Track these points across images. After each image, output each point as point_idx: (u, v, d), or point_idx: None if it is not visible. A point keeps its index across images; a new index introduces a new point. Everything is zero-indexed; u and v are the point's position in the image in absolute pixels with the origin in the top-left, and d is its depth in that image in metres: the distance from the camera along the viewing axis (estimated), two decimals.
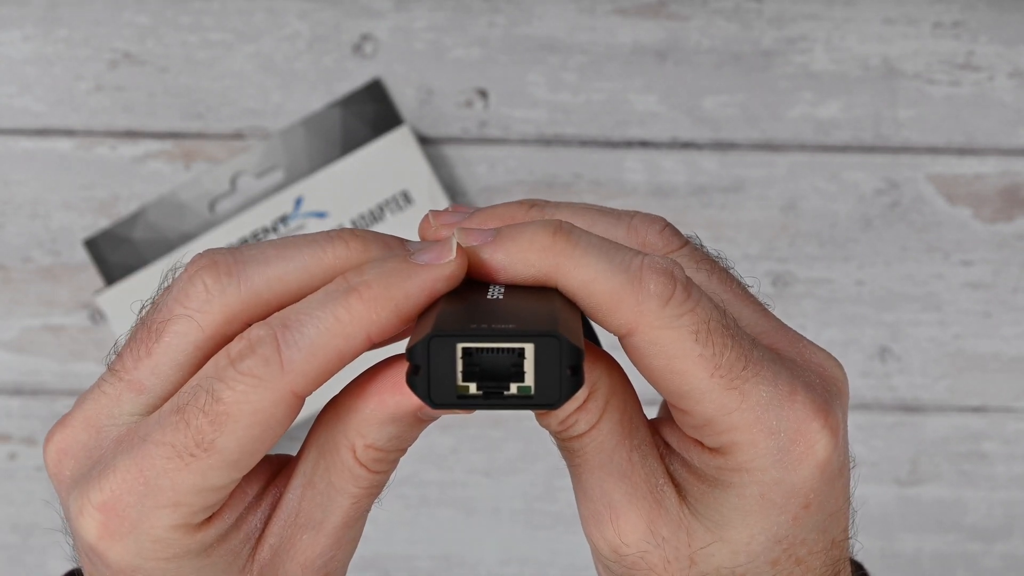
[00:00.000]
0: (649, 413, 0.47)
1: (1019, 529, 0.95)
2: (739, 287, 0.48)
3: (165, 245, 0.91)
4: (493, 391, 0.41)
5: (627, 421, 0.45)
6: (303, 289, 0.43)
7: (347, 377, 0.44)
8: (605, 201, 0.91)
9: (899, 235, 0.92)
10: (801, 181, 0.92)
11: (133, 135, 0.92)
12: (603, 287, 0.42)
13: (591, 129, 0.92)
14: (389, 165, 0.90)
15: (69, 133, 0.92)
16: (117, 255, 0.91)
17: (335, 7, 0.91)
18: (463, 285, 0.43)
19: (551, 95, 0.92)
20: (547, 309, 0.42)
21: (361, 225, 0.91)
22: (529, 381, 0.41)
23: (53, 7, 0.91)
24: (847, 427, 0.46)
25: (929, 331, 0.93)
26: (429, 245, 0.43)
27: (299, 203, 0.91)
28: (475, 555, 0.95)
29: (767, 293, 0.92)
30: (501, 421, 0.94)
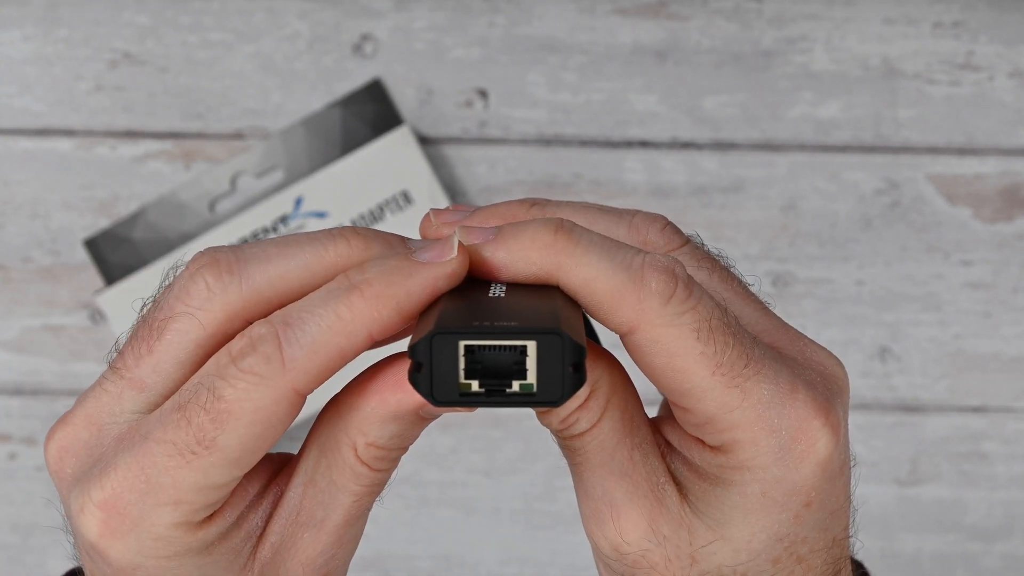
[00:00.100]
0: (650, 412, 0.47)
1: (1019, 529, 0.95)
2: (740, 285, 0.48)
3: (165, 245, 0.91)
4: (495, 389, 0.41)
5: (628, 419, 0.45)
6: (305, 287, 0.43)
7: (348, 376, 0.44)
8: (605, 201, 0.91)
9: (899, 235, 0.92)
10: (801, 181, 0.92)
11: (133, 135, 0.92)
12: (605, 285, 0.42)
13: (591, 129, 0.92)
14: (389, 165, 0.90)
15: (69, 133, 0.92)
16: (117, 255, 0.91)
17: (335, 7, 0.91)
18: (465, 283, 0.43)
19: (551, 95, 0.92)
20: (549, 307, 0.42)
21: (361, 225, 0.91)
22: (531, 379, 0.41)
23: (53, 7, 0.91)
24: (848, 425, 0.46)
25: (929, 331, 0.93)
26: (431, 243, 0.43)
27: (299, 203, 0.91)
28: (475, 555, 0.95)
29: (767, 293, 0.92)
30: (501, 421, 0.94)
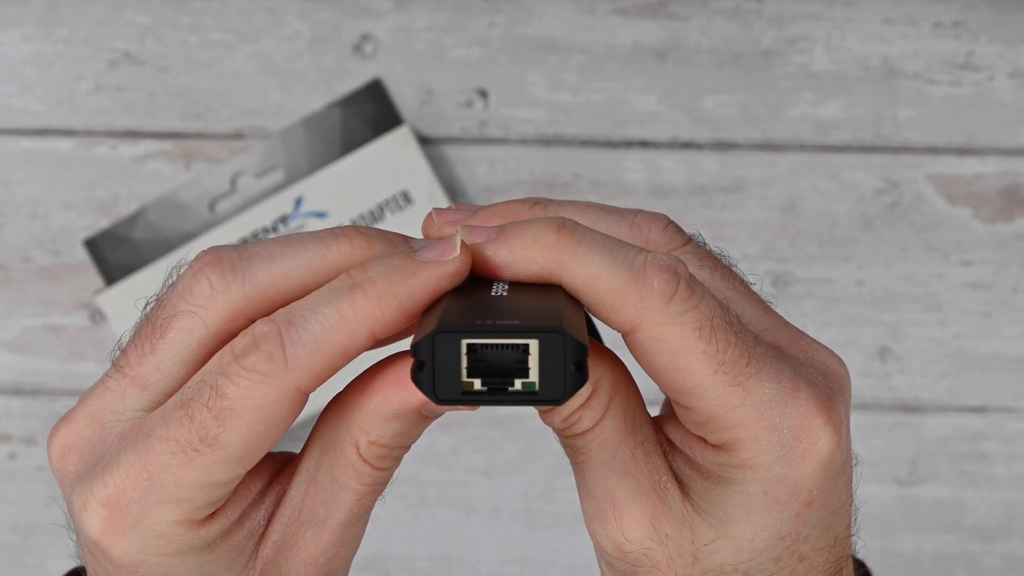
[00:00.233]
0: (652, 411, 0.47)
1: (1019, 529, 0.95)
2: (742, 284, 0.48)
3: (165, 245, 0.91)
4: (498, 387, 0.41)
5: (630, 418, 0.45)
6: (307, 286, 0.43)
7: (350, 375, 0.44)
8: (606, 201, 0.91)
9: (899, 235, 0.92)
10: (801, 181, 0.92)
11: (133, 135, 0.92)
12: (607, 284, 0.42)
13: (591, 129, 0.92)
14: (389, 165, 0.90)
15: (69, 133, 0.92)
16: (117, 255, 0.91)
17: (335, 7, 0.91)
18: (467, 282, 0.43)
19: (551, 95, 0.92)
20: (551, 306, 0.42)
21: (361, 225, 0.91)
22: (534, 377, 0.41)
23: (53, 7, 0.91)
24: (849, 424, 0.46)
25: (929, 331, 0.93)
26: (433, 242, 0.44)
27: (299, 203, 0.91)
28: (475, 555, 0.95)
29: (767, 293, 0.92)
30: (501, 421, 0.94)
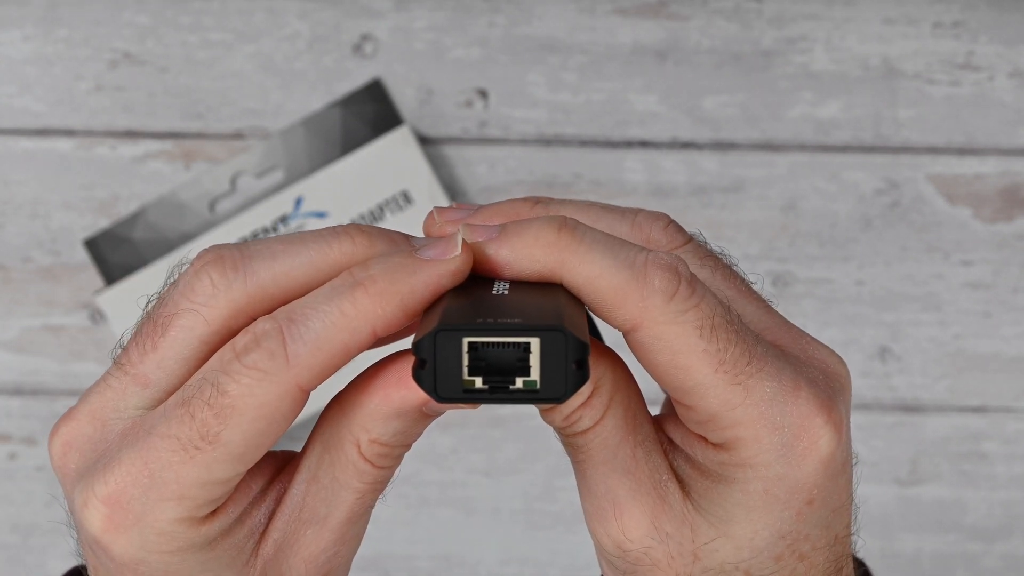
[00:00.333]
0: (653, 410, 0.47)
1: (1019, 529, 0.95)
2: (743, 283, 0.48)
3: (165, 245, 0.91)
4: (499, 385, 0.41)
5: (631, 417, 0.45)
6: (309, 284, 0.43)
7: (351, 374, 0.44)
8: (606, 201, 0.91)
9: (899, 235, 0.92)
10: (801, 181, 0.92)
11: (133, 135, 0.92)
12: (608, 283, 0.42)
13: (591, 129, 0.92)
14: (389, 165, 0.90)
15: (69, 133, 0.92)
16: (117, 255, 0.91)
17: (335, 7, 0.91)
18: (468, 281, 0.43)
19: (551, 95, 0.92)
20: (552, 304, 0.42)
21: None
22: (535, 375, 0.41)
23: (53, 7, 0.91)
24: (850, 423, 0.46)
25: (929, 331, 0.93)
26: (434, 241, 0.44)
27: (299, 203, 0.91)
28: (475, 555, 0.95)
29: (767, 293, 0.92)
30: (501, 421, 0.94)
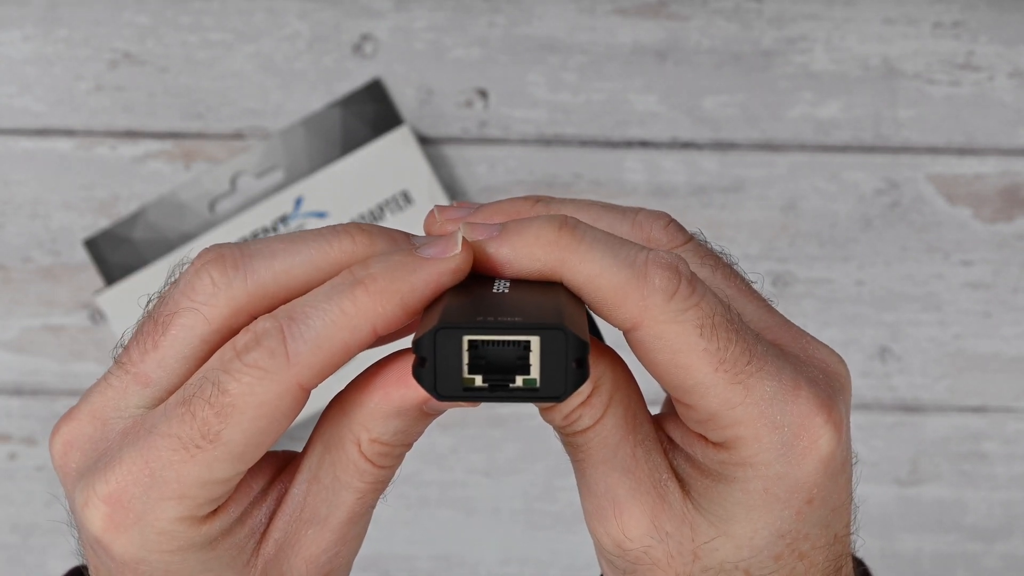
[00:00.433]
0: (653, 410, 0.47)
1: (1019, 529, 0.95)
2: (743, 283, 0.48)
3: (165, 245, 0.91)
4: (499, 384, 0.41)
5: (631, 416, 0.45)
6: (309, 283, 0.43)
7: (351, 373, 0.44)
8: (605, 201, 0.91)
9: (899, 235, 0.92)
10: (801, 181, 0.92)
11: (133, 135, 0.92)
12: (608, 282, 0.42)
13: (591, 129, 0.92)
14: (389, 165, 0.90)
15: (69, 133, 0.92)
16: (117, 255, 0.91)
17: (335, 7, 0.91)
18: (469, 279, 0.43)
19: (551, 95, 0.92)
20: (552, 303, 0.42)
21: None
22: (535, 374, 0.41)
23: (53, 7, 0.91)
24: (850, 423, 0.46)
25: (929, 331, 0.93)
26: (435, 239, 0.44)
27: (299, 203, 0.91)
28: (475, 555, 0.95)
29: (767, 293, 0.92)
30: (501, 421, 0.94)
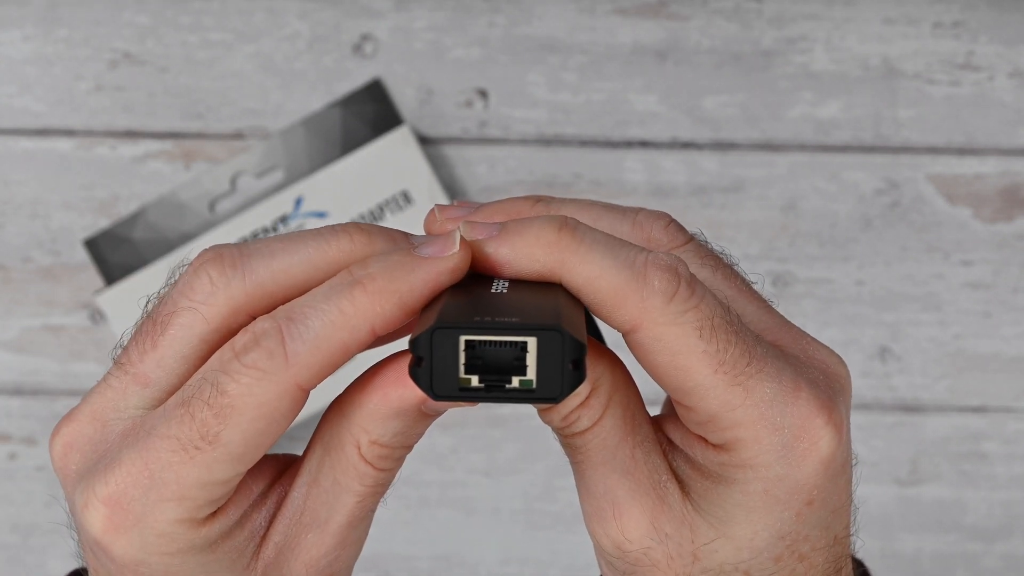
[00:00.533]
0: (652, 411, 0.47)
1: (1019, 529, 0.95)
2: (743, 283, 0.48)
3: (165, 245, 0.91)
4: (495, 384, 0.41)
5: (630, 418, 0.45)
6: (308, 282, 0.43)
7: (352, 374, 0.44)
8: (605, 201, 0.91)
9: (899, 235, 0.92)
10: (801, 181, 0.92)
11: (133, 135, 0.92)
12: (607, 283, 0.42)
13: (591, 129, 0.92)
14: (389, 165, 0.90)
15: (69, 133, 0.92)
16: (117, 255, 0.91)
17: (335, 7, 0.91)
18: (468, 279, 0.43)
19: (551, 95, 0.92)
20: (551, 304, 0.42)
21: None
22: (531, 375, 0.41)
23: (53, 7, 0.91)
24: (850, 424, 0.46)
25: (929, 331, 0.93)
26: (433, 238, 0.44)
27: (299, 203, 0.91)
28: (475, 555, 0.95)
29: (767, 293, 0.92)
30: (501, 421, 0.94)
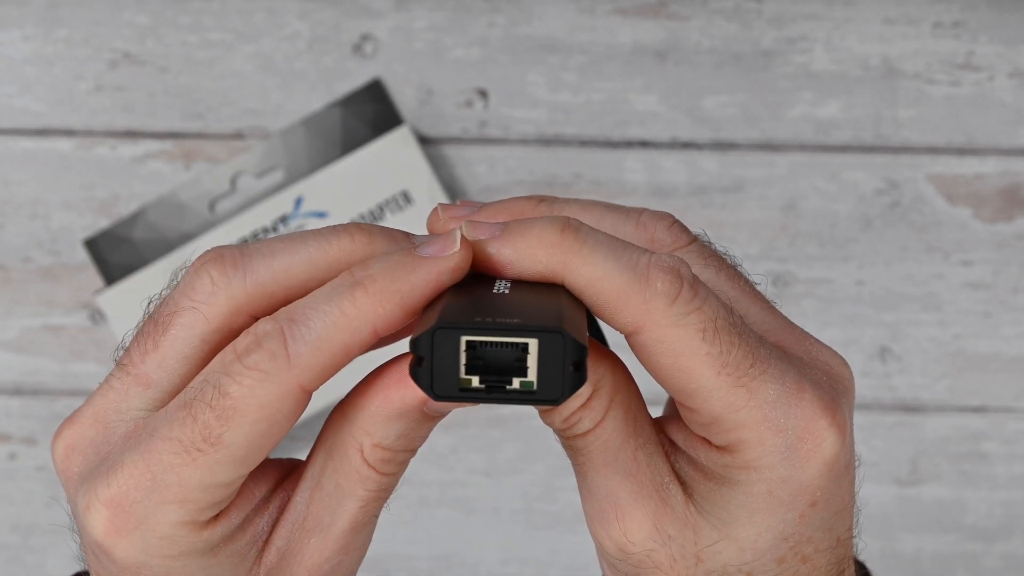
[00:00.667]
0: (654, 412, 0.47)
1: (1019, 529, 0.95)
2: (746, 284, 0.48)
3: (165, 245, 0.91)
4: (495, 385, 0.41)
5: (632, 419, 0.45)
6: (309, 282, 0.43)
7: (355, 377, 0.44)
8: (606, 201, 0.91)
9: (899, 235, 0.92)
10: (801, 181, 0.92)
11: (133, 135, 0.92)
12: (610, 285, 0.42)
13: (591, 129, 0.92)
14: (389, 165, 0.90)
15: (69, 133, 0.92)
16: (117, 255, 0.91)
17: (335, 7, 0.91)
18: (470, 279, 0.43)
19: (551, 95, 0.92)
20: (552, 305, 0.42)
21: None
22: (532, 376, 0.41)
23: (53, 7, 0.91)
24: (853, 425, 0.46)
25: (929, 331, 0.93)
26: (434, 238, 0.43)
27: (299, 203, 0.90)
28: (475, 555, 0.95)
29: (768, 293, 0.92)
30: (501, 421, 0.94)
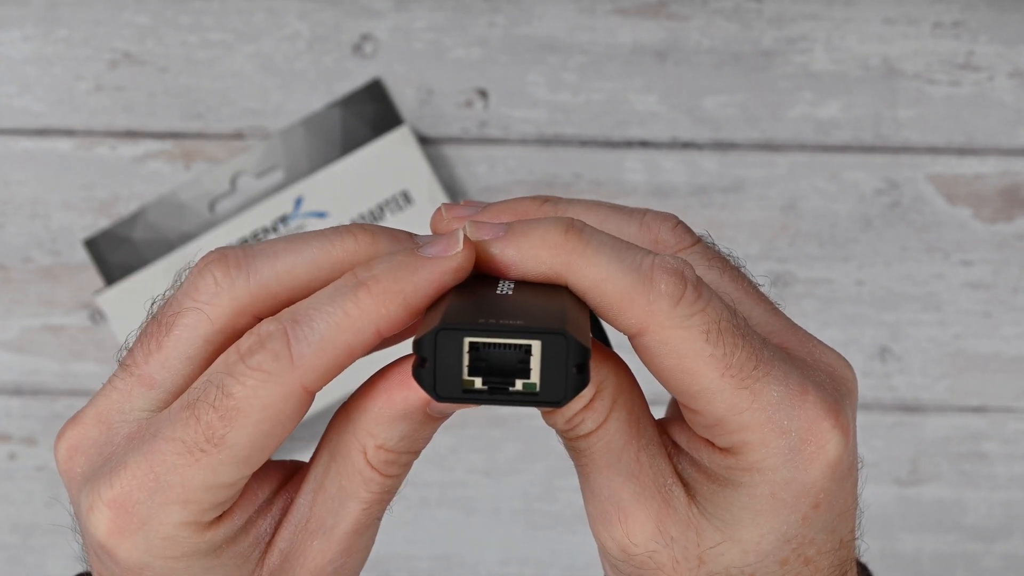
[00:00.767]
0: (656, 413, 0.47)
1: (1019, 529, 0.95)
2: (750, 286, 0.48)
3: (165, 245, 0.90)
4: (498, 387, 0.41)
5: (634, 421, 0.45)
6: (312, 283, 0.43)
7: (359, 378, 0.44)
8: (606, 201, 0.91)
9: (899, 235, 0.92)
10: (801, 181, 0.92)
11: (133, 135, 0.92)
12: (614, 286, 0.42)
13: (591, 129, 0.92)
14: (389, 165, 0.90)
15: (69, 133, 0.92)
16: (117, 255, 0.91)
17: (335, 7, 0.91)
18: (473, 280, 0.43)
19: (551, 95, 0.92)
20: (556, 307, 0.42)
21: None
22: (535, 378, 0.41)
23: (53, 7, 0.91)
24: (856, 427, 0.46)
25: (929, 331, 0.93)
26: (437, 238, 0.43)
27: (299, 203, 0.90)
28: (475, 555, 0.95)
29: (769, 294, 0.92)
30: (501, 421, 0.94)
